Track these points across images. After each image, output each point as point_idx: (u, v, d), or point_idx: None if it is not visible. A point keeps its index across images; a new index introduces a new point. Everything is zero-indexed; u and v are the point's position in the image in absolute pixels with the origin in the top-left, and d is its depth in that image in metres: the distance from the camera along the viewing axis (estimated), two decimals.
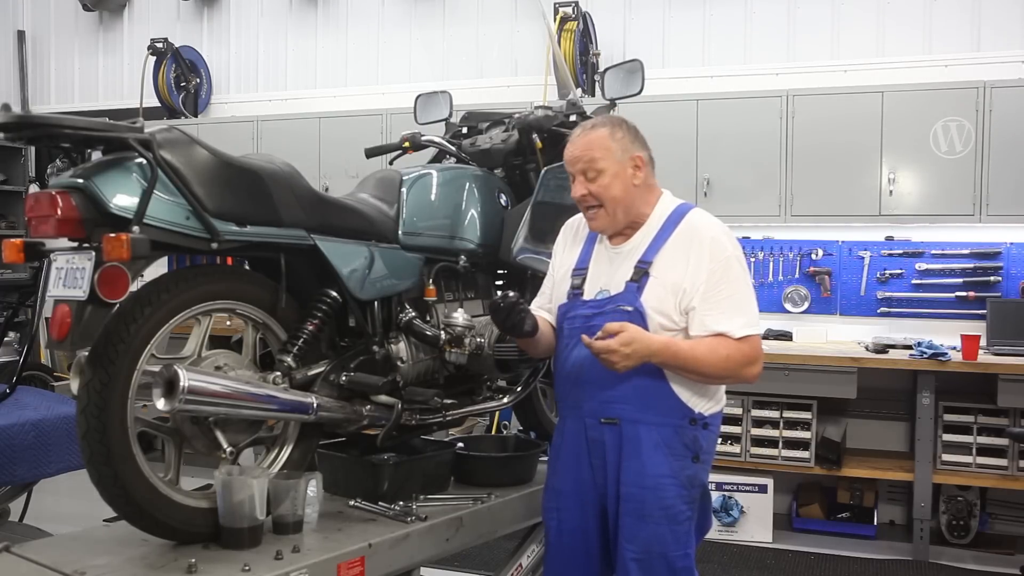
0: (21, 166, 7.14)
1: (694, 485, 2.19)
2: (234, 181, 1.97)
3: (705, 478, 2.24)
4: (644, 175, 2.26)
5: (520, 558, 2.68)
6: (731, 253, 2.17)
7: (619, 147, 2.23)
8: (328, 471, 2.49)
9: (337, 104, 6.44)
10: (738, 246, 2.23)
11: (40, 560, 1.96)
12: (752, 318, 2.17)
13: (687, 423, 2.18)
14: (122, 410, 1.84)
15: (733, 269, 2.16)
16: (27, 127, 1.76)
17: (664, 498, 2.15)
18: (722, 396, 2.27)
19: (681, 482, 2.17)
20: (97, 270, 1.74)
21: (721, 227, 2.23)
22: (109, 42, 7.45)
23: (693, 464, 2.18)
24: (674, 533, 2.16)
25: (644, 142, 2.29)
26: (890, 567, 4.51)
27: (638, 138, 2.28)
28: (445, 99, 3.04)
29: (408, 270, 2.40)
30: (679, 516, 2.17)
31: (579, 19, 5.57)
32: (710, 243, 2.17)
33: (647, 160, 2.28)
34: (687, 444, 2.17)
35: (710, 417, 2.21)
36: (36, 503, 3.97)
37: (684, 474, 2.17)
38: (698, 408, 2.19)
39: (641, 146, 2.27)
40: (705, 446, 2.20)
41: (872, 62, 5.31)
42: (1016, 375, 4.45)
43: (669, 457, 2.16)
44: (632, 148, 2.24)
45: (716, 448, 2.30)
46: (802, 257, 5.37)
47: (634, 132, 2.28)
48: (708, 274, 2.14)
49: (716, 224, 2.24)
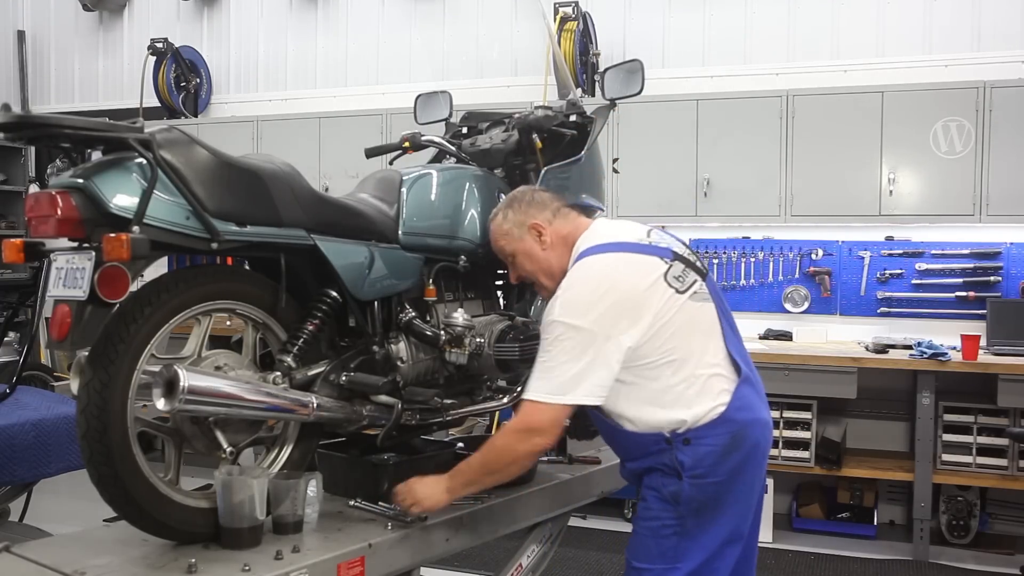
0: (21, 166, 7.14)
1: (680, 501, 2.16)
2: (234, 181, 1.97)
3: (701, 493, 2.16)
4: (551, 235, 2.32)
5: (520, 558, 2.68)
6: (555, 316, 2.14)
7: (514, 226, 2.34)
8: (328, 471, 2.49)
9: (337, 104, 6.44)
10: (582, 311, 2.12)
11: (40, 560, 1.96)
12: (553, 385, 2.11)
13: (663, 445, 2.17)
14: (122, 410, 1.84)
15: (549, 332, 2.14)
16: (27, 127, 1.75)
17: (649, 508, 2.21)
18: (704, 408, 2.16)
19: (664, 497, 2.18)
20: (97, 270, 1.74)
21: (572, 291, 2.17)
22: (109, 42, 7.45)
23: (677, 481, 2.16)
24: (659, 546, 2.18)
25: (541, 203, 2.35)
26: (890, 567, 4.51)
27: (533, 202, 2.35)
28: (445, 99, 3.04)
29: (408, 270, 2.40)
30: (662, 530, 2.18)
31: (579, 19, 5.57)
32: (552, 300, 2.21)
33: (549, 218, 2.33)
34: (666, 463, 2.17)
35: (692, 432, 2.15)
36: (36, 503, 3.97)
37: (667, 490, 2.17)
38: (663, 424, 2.16)
39: (538, 208, 2.34)
40: (689, 461, 2.14)
41: (872, 62, 5.32)
42: (1016, 375, 4.45)
43: (656, 474, 2.20)
44: (527, 218, 2.32)
45: (727, 456, 2.16)
46: (802, 257, 5.38)
47: (527, 200, 2.35)
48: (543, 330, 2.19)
49: (572, 285, 2.18)
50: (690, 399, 2.17)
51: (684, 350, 2.17)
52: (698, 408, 2.16)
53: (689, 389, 2.17)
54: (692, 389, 2.17)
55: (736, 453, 2.17)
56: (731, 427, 2.17)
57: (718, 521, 2.18)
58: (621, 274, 2.18)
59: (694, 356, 2.19)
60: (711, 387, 2.19)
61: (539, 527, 2.73)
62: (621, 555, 2.37)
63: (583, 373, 2.11)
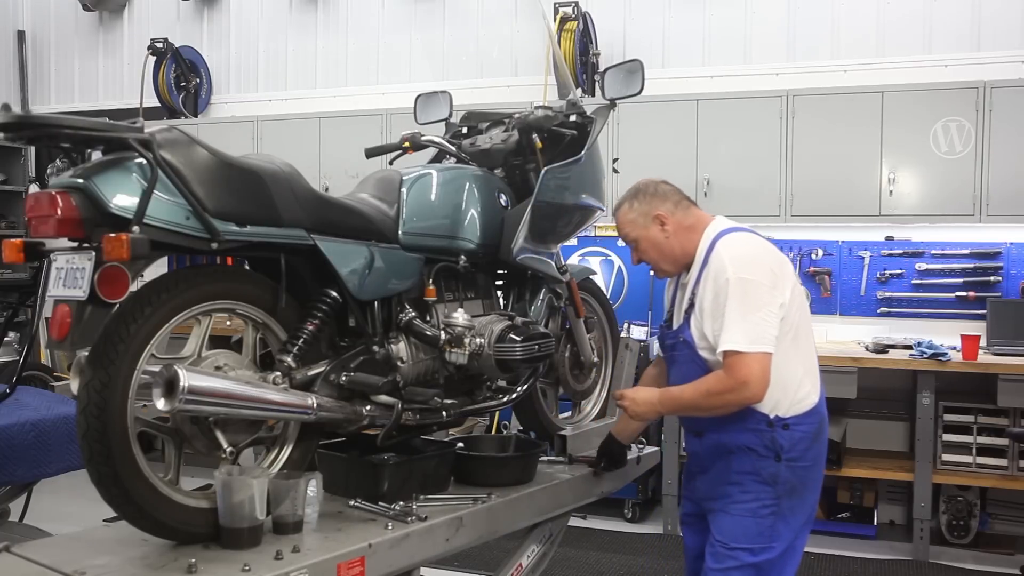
0: (21, 166, 7.14)
1: (778, 482, 2.36)
2: (234, 181, 1.97)
3: (795, 476, 2.37)
4: (673, 225, 2.49)
5: (520, 558, 2.69)
6: (731, 275, 2.30)
7: (639, 215, 2.51)
8: (328, 471, 2.49)
9: (337, 104, 6.44)
10: (750, 267, 2.33)
11: (40, 560, 1.95)
12: (748, 335, 2.27)
13: (764, 426, 2.35)
14: (122, 410, 1.84)
15: (732, 288, 2.29)
16: (27, 127, 1.75)
17: (747, 491, 2.38)
18: (807, 396, 2.40)
19: (764, 479, 2.36)
20: (97, 270, 1.74)
21: (735, 252, 2.36)
22: (109, 42, 7.45)
23: (775, 463, 2.35)
24: (758, 526, 2.36)
25: (664, 194, 2.52)
26: (890, 567, 4.51)
27: (657, 194, 2.51)
28: (445, 99, 3.04)
29: (408, 270, 2.40)
30: (760, 511, 2.36)
31: (579, 19, 5.58)
32: (716, 268, 2.35)
33: (671, 209, 2.50)
34: (767, 445, 2.36)
35: (790, 419, 2.36)
36: (36, 503, 3.96)
37: (766, 472, 2.36)
38: (774, 412, 2.35)
39: (661, 200, 2.51)
40: (787, 445, 2.35)
41: (872, 62, 5.32)
42: (1016, 375, 4.45)
43: (751, 456, 2.37)
44: (652, 209, 2.50)
45: (814, 443, 2.41)
46: (802, 257, 5.38)
47: (651, 192, 2.52)
48: (712, 296, 2.34)
49: (732, 249, 2.37)
50: (797, 385, 2.37)
51: (805, 331, 2.42)
52: (800, 394, 2.38)
53: (797, 371, 2.38)
54: (798, 371, 2.38)
55: (819, 442, 2.43)
56: (818, 418, 2.43)
57: (804, 504, 2.42)
58: (769, 246, 2.45)
59: (808, 340, 2.45)
60: (811, 374, 2.43)
61: (539, 527, 2.73)
62: (621, 555, 2.38)
63: (769, 321, 2.29)
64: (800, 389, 2.39)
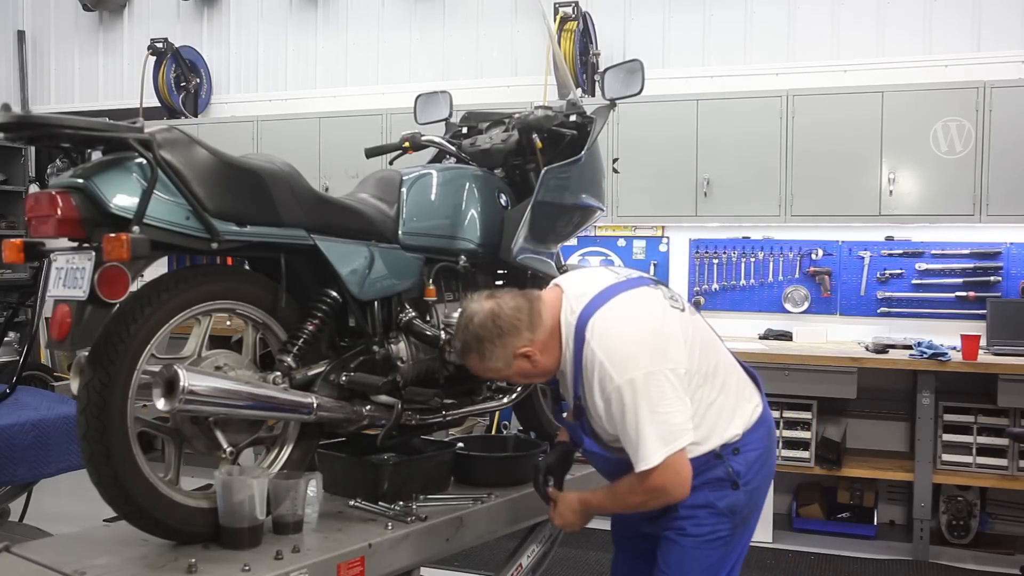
0: (21, 166, 7.14)
1: (735, 512, 2.15)
2: (234, 181, 1.97)
3: (750, 501, 2.18)
4: (537, 348, 2.12)
5: (520, 558, 2.68)
6: (617, 381, 2.00)
7: (500, 363, 2.12)
8: (328, 471, 2.49)
9: (337, 104, 6.44)
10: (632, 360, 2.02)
11: (40, 560, 1.96)
12: (661, 438, 1.99)
13: (713, 459, 2.13)
14: (122, 410, 1.84)
15: (625, 395, 2.00)
16: (27, 127, 1.76)
17: (701, 525, 2.14)
18: (746, 413, 2.19)
19: (720, 511, 2.14)
20: (97, 270, 1.74)
21: (609, 348, 2.04)
22: (109, 42, 7.45)
23: (733, 491, 2.14)
24: (709, 558, 2.15)
25: (511, 326, 2.09)
26: (890, 567, 4.51)
27: (504, 332, 2.09)
28: (445, 99, 3.04)
29: (408, 270, 2.40)
30: (714, 543, 2.15)
31: (579, 19, 5.57)
32: (598, 375, 2.04)
33: (528, 336, 2.10)
34: (720, 477, 2.14)
35: (739, 440, 2.15)
36: (36, 503, 3.97)
37: (723, 503, 2.14)
38: (720, 443, 2.14)
39: (513, 335, 2.09)
40: (743, 470, 2.14)
41: (872, 62, 5.31)
42: (1016, 375, 4.45)
43: (704, 490, 2.12)
44: (510, 350, 2.10)
45: (767, 460, 2.22)
46: (802, 257, 5.38)
47: (497, 332, 2.09)
48: (604, 404, 2.05)
49: (604, 345, 2.04)
50: (733, 408, 2.17)
51: (711, 362, 2.16)
52: (741, 416, 2.18)
53: (729, 398, 2.17)
54: (731, 398, 2.17)
55: (772, 455, 2.25)
56: (767, 426, 2.23)
57: (753, 523, 2.23)
58: (637, 314, 2.10)
59: (720, 365, 2.19)
60: (743, 391, 2.22)
61: (539, 527, 2.73)
62: None
63: (676, 405, 2.02)
64: (738, 408, 2.18)
